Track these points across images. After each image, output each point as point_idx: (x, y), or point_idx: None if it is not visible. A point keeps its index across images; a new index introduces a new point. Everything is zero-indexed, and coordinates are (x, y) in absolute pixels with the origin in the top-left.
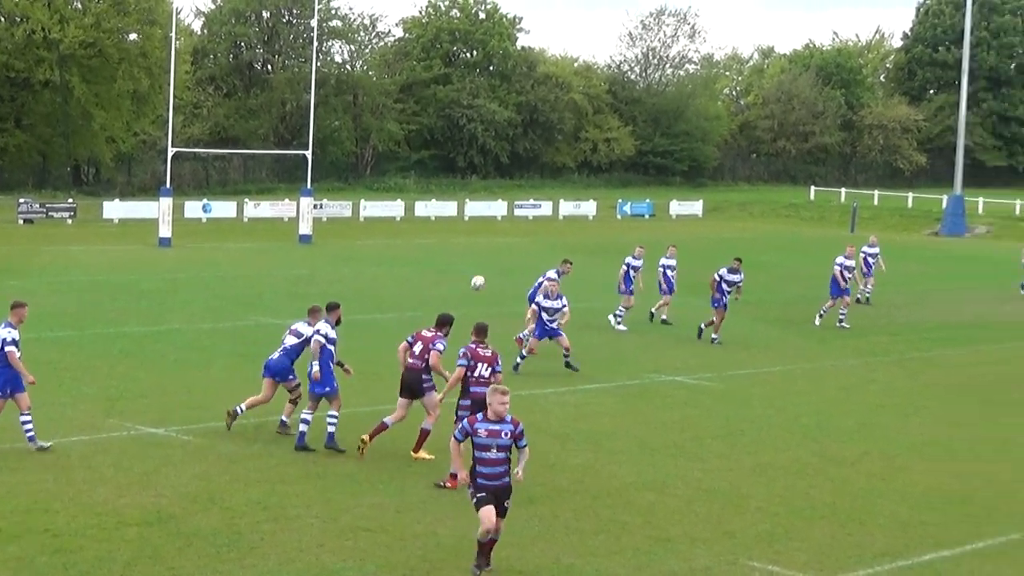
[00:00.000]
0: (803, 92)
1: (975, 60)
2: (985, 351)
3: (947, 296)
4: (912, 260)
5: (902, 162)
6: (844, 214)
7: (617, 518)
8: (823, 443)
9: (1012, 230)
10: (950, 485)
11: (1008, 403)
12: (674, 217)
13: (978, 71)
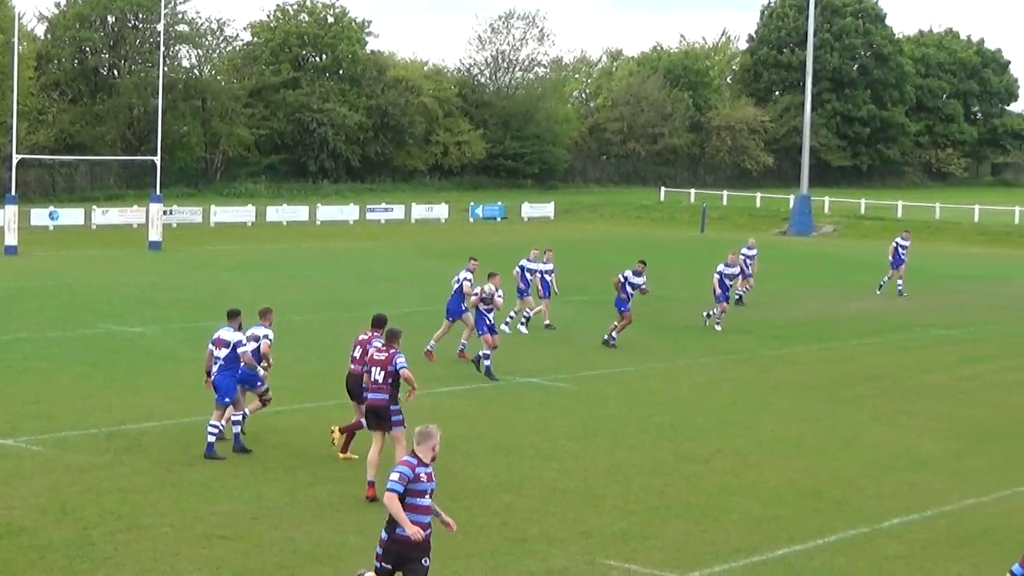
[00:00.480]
0: (651, 94)
1: (819, 62)
2: (832, 348)
3: (795, 294)
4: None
5: (750, 163)
6: (694, 215)
7: (474, 520)
8: (677, 442)
9: (857, 228)
10: (801, 480)
11: (855, 399)
12: (526, 219)
13: (822, 72)
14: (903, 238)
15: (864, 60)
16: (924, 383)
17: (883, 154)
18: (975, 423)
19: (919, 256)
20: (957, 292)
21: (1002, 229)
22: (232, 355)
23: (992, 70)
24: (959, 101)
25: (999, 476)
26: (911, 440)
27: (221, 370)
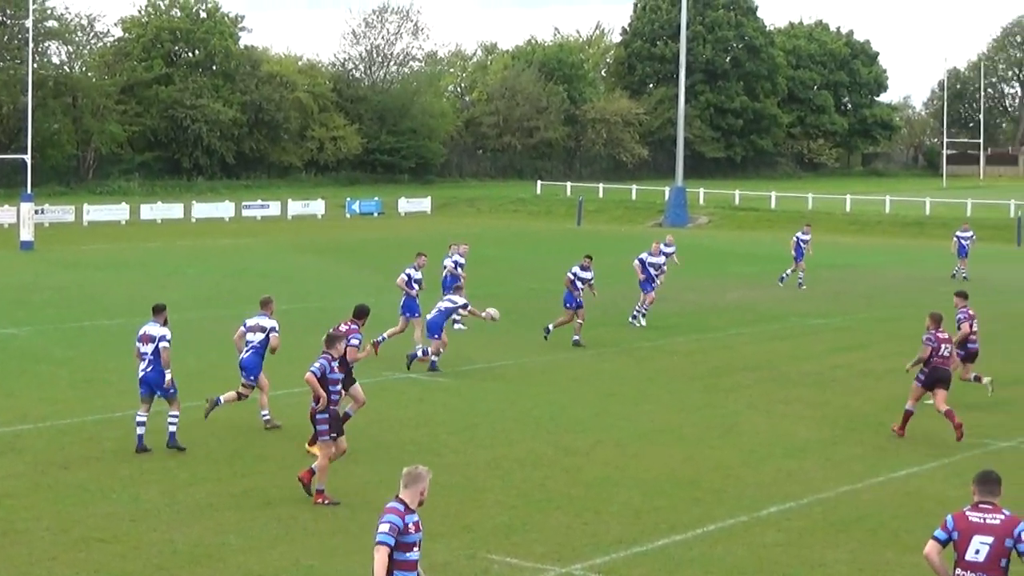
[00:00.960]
0: (527, 88)
1: (692, 54)
2: (709, 338)
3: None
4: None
5: (625, 155)
6: (570, 207)
7: (356, 517)
8: (557, 434)
9: (731, 219)
10: (680, 470)
11: (732, 388)
12: (403, 215)
13: (695, 65)
14: (804, 232)
15: (736, 52)
16: (799, 371)
17: (756, 145)
18: (849, 411)
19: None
20: (830, 281)
21: (873, 218)
22: (157, 350)
23: (861, 61)
24: (830, 92)
25: (872, 463)
26: (787, 428)
27: (152, 365)
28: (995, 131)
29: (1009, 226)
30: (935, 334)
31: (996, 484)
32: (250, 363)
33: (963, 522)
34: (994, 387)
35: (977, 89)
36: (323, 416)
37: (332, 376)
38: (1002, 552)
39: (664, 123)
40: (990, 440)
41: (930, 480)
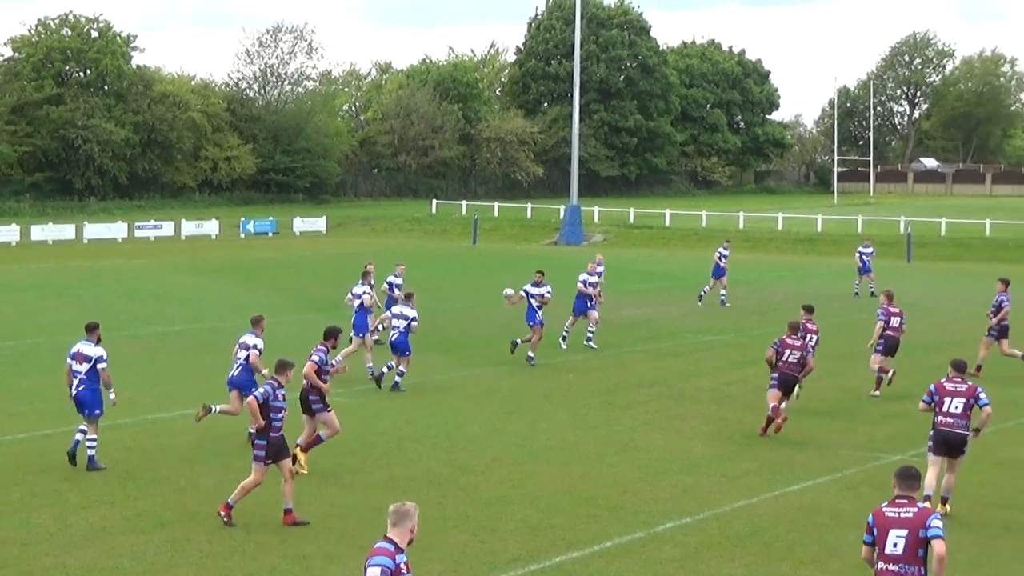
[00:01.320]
0: (421, 107)
1: (586, 73)
2: (605, 356)
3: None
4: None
5: (520, 174)
6: (466, 226)
7: (252, 538)
8: (453, 453)
9: (626, 237)
10: (578, 487)
11: (628, 405)
12: (298, 234)
13: (589, 84)
14: (724, 248)
15: (630, 71)
16: (695, 388)
17: (650, 163)
18: (745, 426)
19: (686, 263)
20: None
21: (766, 235)
22: (93, 370)
23: (753, 80)
24: (723, 111)
25: (767, 478)
26: (683, 444)
27: (84, 384)
28: (884, 149)
29: (899, 242)
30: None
31: (916, 479)
32: (240, 381)
33: (880, 518)
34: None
35: (867, 107)
36: (261, 442)
37: (275, 404)
38: (918, 543)
39: (559, 142)
40: (882, 454)
41: (824, 494)
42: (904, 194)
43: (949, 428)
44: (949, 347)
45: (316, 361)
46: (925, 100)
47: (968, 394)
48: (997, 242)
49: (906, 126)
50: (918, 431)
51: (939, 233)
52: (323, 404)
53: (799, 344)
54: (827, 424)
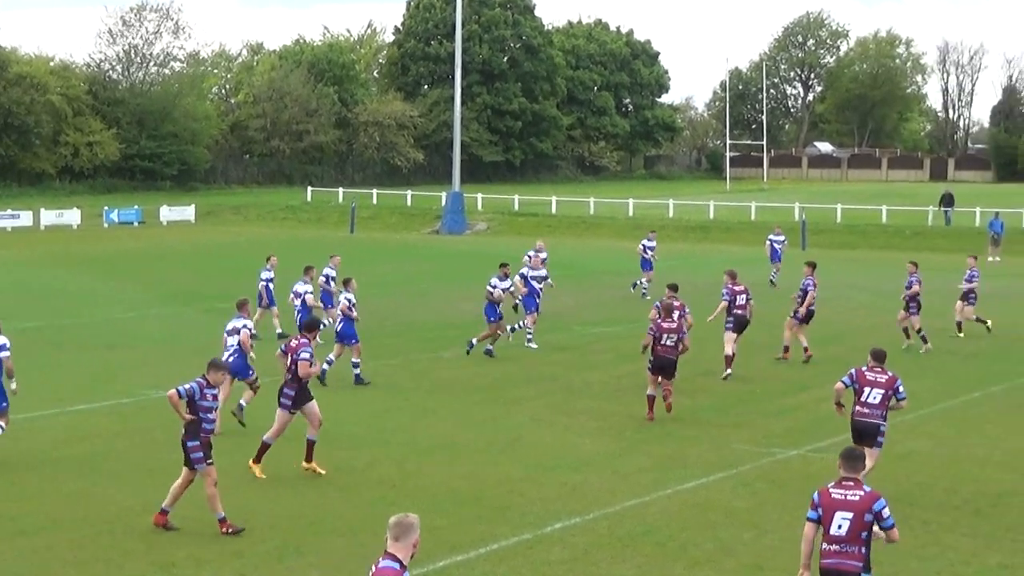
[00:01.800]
0: (295, 89)
1: (468, 54)
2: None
3: (449, 295)
4: (413, 259)
5: (399, 159)
6: (343, 215)
7: (118, 545)
8: (331, 452)
9: (511, 225)
10: (462, 487)
11: (515, 400)
12: (165, 223)
13: (471, 65)
14: (648, 239)
15: (514, 52)
16: (584, 381)
17: (536, 148)
18: (636, 421)
19: (574, 252)
20: (614, 288)
21: (656, 223)
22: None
23: (642, 62)
24: (610, 93)
25: (659, 475)
26: (572, 441)
27: None
28: (778, 132)
29: (794, 229)
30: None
31: (859, 460)
32: (236, 366)
33: (827, 498)
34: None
35: (759, 90)
36: (194, 443)
37: (203, 403)
38: (862, 526)
39: (440, 126)
40: (778, 449)
41: (717, 491)
42: (798, 179)
43: (864, 418)
44: (847, 337)
45: (307, 357)
46: (819, 82)
47: (887, 385)
48: (893, 228)
49: (800, 109)
50: (815, 425)
51: (834, 220)
52: (298, 399)
53: (674, 327)
54: (721, 418)
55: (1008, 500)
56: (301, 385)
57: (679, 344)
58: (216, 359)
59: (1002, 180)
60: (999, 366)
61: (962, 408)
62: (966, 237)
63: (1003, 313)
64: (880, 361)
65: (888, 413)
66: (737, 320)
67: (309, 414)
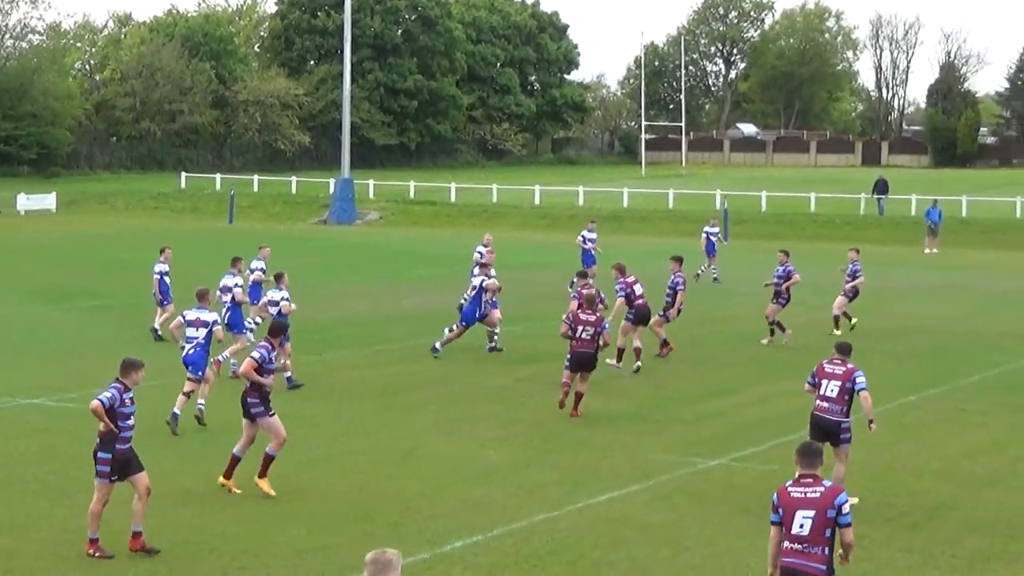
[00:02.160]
0: (167, 65)
1: (358, 27)
2: (382, 352)
3: (338, 291)
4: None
5: (283, 142)
6: (221, 203)
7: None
8: (208, 466)
9: (406, 215)
10: (351, 503)
11: (409, 408)
12: (23, 213)
13: (362, 39)
14: (589, 229)
15: (409, 25)
16: (486, 386)
17: (433, 130)
18: (543, 429)
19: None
20: (518, 283)
21: (565, 212)
22: None
23: (549, 36)
24: (515, 70)
25: (569, 488)
26: (473, 451)
27: None
28: (697, 113)
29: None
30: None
31: (817, 455)
32: (197, 359)
33: (786, 497)
34: None
35: (677, 67)
36: (105, 456)
37: (123, 410)
38: (825, 523)
39: (328, 105)
40: (698, 458)
41: (632, 505)
42: (720, 164)
43: (823, 413)
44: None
45: (256, 358)
46: (742, 59)
47: (844, 377)
48: (823, 217)
49: (721, 88)
50: (738, 432)
51: (759, 208)
52: (264, 408)
53: (594, 319)
54: (636, 426)
55: (946, 513)
56: (263, 394)
57: (597, 337)
58: (130, 358)
59: (940, 165)
60: (937, 366)
61: (898, 412)
62: (901, 227)
63: (941, 309)
64: (843, 354)
65: (850, 408)
66: (639, 313)
67: (271, 429)
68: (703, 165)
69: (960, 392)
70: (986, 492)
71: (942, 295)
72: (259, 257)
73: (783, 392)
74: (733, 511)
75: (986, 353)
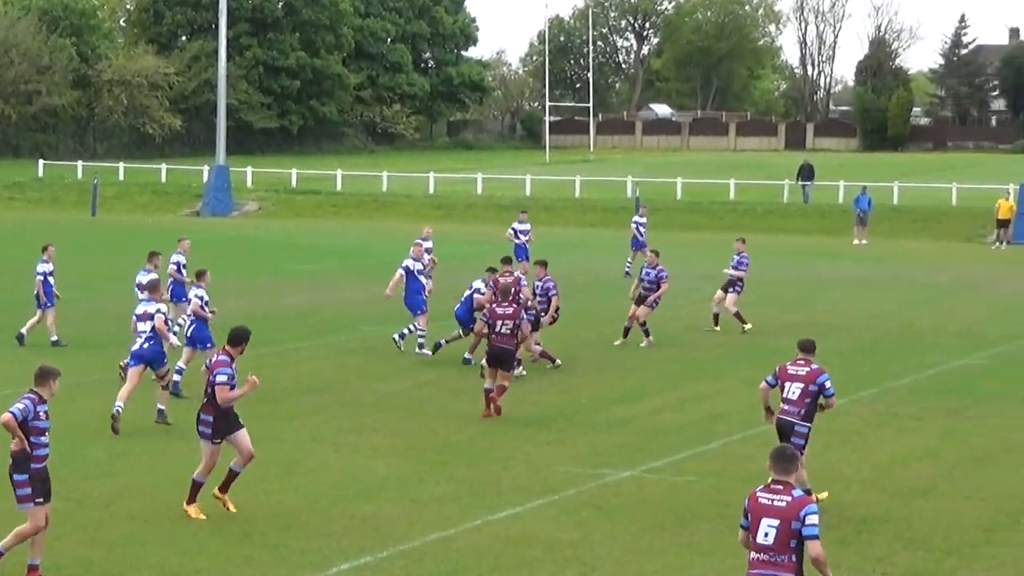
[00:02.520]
0: (23, 42)
1: None
2: (262, 354)
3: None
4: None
5: (152, 126)
6: (83, 193)
7: None
8: (70, 483)
9: (288, 205)
10: (227, 521)
11: (292, 416)
12: None
13: (239, 12)
14: (520, 221)
15: None
16: (376, 393)
17: (317, 112)
18: (438, 440)
19: (364, 237)
20: None
21: (462, 201)
22: None
23: (445, 8)
24: (407, 46)
25: (467, 503)
26: (362, 464)
27: None
28: (607, 93)
29: (627, 208)
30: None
31: (789, 461)
32: (151, 353)
33: (754, 503)
34: None
35: (585, 42)
36: (22, 477)
37: (37, 423)
38: (790, 534)
39: (201, 85)
40: (607, 470)
41: (535, 521)
42: (631, 148)
43: (783, 416)
44: (686, 335)
45: (224, 381)
46: (655, 33)
47: (807, 379)
48: (744, 206)
49: (633, 65)
50: (651, 441)
51: (674, 196)
52: (219, 427)
53: (511, 312)
54: (540, 435)
55: (877, 526)
56: (221, 411)
57: (516, 331)
58: (46, 366)
59: (869, 148)
60: (867, 367)
61: (825, 418)
62: (828, 216)
63: (871, 304)
64: (807, 352)
65: (811, 413)
66: None
67: (238, 444)
68: (613, 150)
69: (892, 395)
70: (920, 503)
71: (872, 289)
72: (179, 251)
73: (699, 395)
74: (645, 528)
75: (919, 352)
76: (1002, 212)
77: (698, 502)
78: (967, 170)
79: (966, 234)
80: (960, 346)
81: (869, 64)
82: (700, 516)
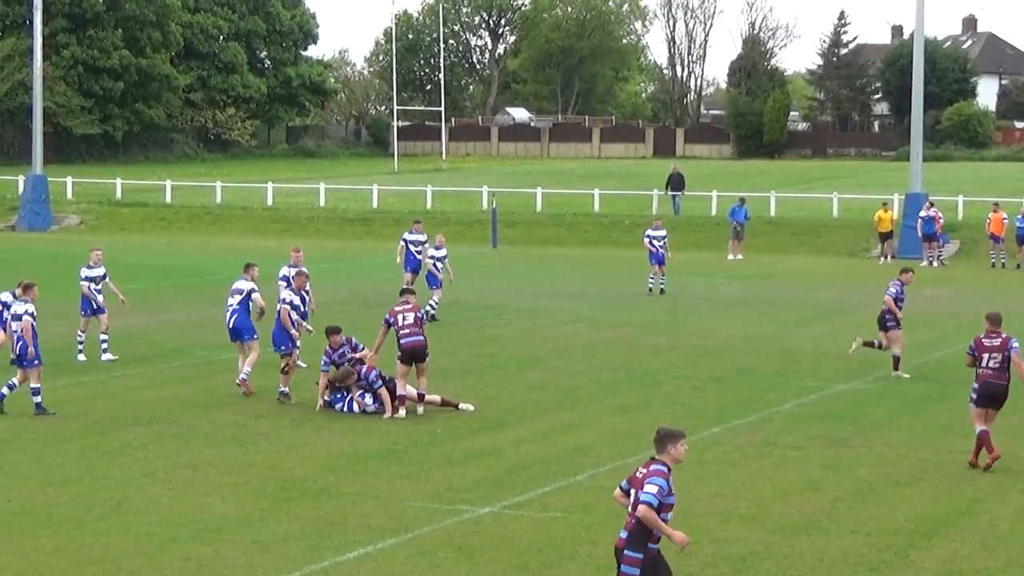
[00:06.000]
0: None
1: None
2: (85, 383)
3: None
4: None
5: None
6: None
7: None
8: None
9: (113, 218)
10: (50, 566)
11: (120, 450)
12: None
13: (55, 7)
14: (413, 231)
15: None
16: (210, 424)
17: (143, 117)
18: (280, 474)
19: (196, 253)
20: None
21: (303, 214)
22: None
23: (282, 3)
24: (241, 44)
25: (312, 543)
26: (197, 501)
27: None
28: (460, 96)
29: (482, 221)
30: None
31: (667, 440)
32: (22, 351)
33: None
34: None
35: (435, 40)
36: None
37: None
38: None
39: (14, 87)
40: (465, 506)
41: (388, 563)
42: (487, 156)
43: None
44: (551, 358)
45: None
46: (512, 31)
47: (1002, 347)
48: (609, 219)
49: (488, 66)
50: (512, 474)
51: (533, 208)
52: None
53: (410, 307)
54: (391, 468)
55: (756, 564)
56: None
57: (421, 322)
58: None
59: (744, 155)
60: (744, 393)
61: (699, 447)
62: (700, 229)
63: (747, 325)
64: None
65: None
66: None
67: None
68: (467, 157)
69: (770, 423)
70: (801, 539)
71: (748, 309)
72: (91, 263)
73: (564, 425)
74: (507, 568)
75: (799, 377)
76: (883, 225)
77: (564, 540)
78: (849, 179)
79: (848, 248)
80: (843, 370)
81: (743, 64)
82: (567, 555)
